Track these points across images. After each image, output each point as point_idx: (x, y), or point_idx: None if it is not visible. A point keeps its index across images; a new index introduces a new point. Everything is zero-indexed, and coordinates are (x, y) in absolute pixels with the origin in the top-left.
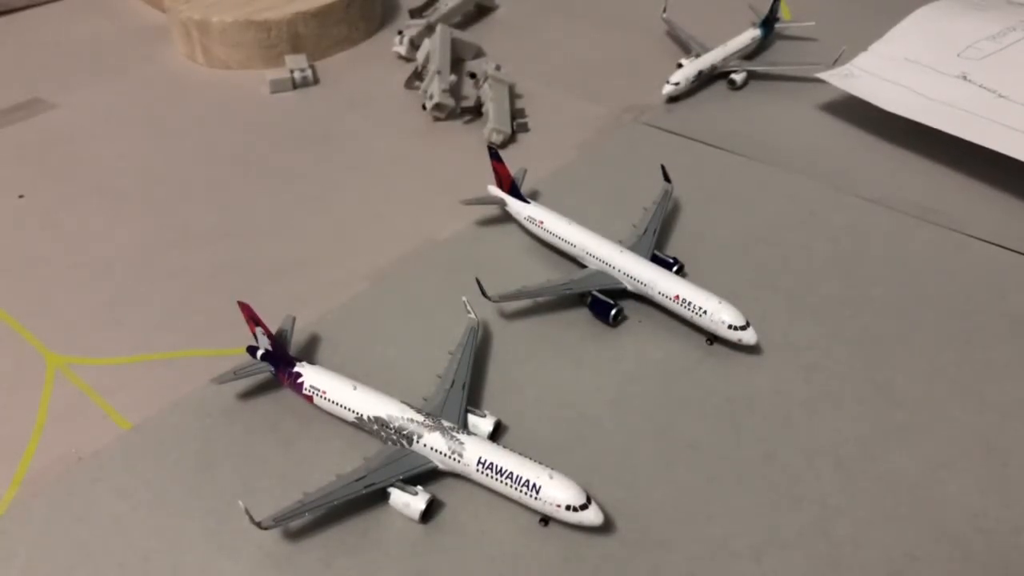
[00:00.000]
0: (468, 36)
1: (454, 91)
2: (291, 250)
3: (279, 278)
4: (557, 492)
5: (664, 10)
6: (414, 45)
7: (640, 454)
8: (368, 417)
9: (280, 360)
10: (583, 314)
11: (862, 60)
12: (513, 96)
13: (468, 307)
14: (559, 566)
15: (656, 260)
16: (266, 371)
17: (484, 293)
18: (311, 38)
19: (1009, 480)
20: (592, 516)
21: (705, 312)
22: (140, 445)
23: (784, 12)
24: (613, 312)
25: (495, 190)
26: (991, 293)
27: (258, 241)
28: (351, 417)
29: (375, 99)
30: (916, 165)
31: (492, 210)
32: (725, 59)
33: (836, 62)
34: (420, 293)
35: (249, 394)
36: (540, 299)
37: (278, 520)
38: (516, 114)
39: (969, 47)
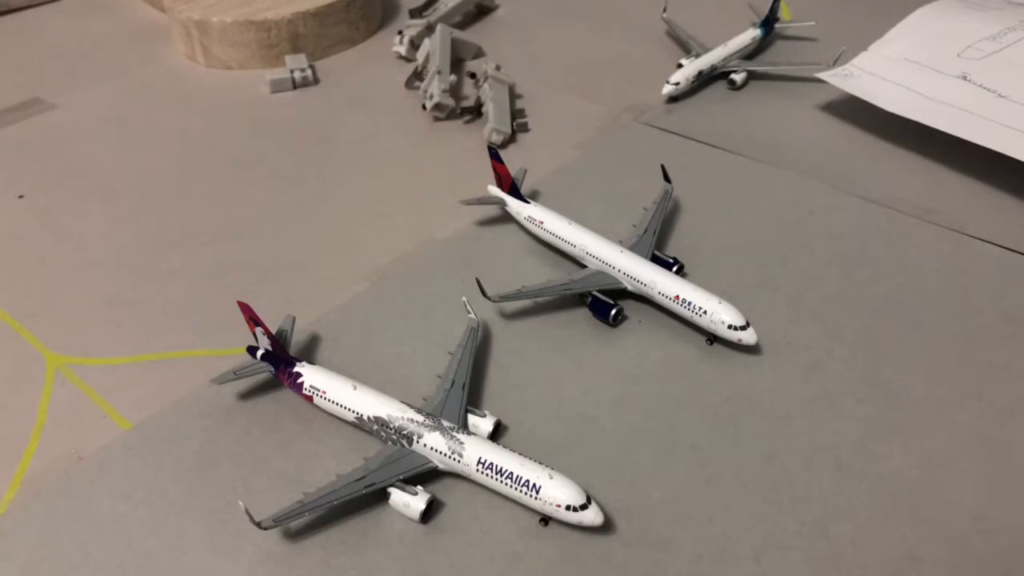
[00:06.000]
0: (468, 36)
1: (454, 91)
2: (291, 250)
3: (279, 278)
4: (557, 492)
5: (664, 10)
6: (414, 45)
7: (640, 454)
8: (368, 417)
9: (280, 360)
10: (583, 314)
11: (862, 60)
12: (513, 96)
13: (468, 307)
14: (559, 566)
15: (656, 260)
16: (266, 371)
17: (484, 293)
18: (311, 38)
19: (1009, 480)
20: (592, 516)
21: (705, 312)
22: (140, 445)
23: (784, 12)
24: (613, 312)
25: (495, 190)
26: (991, 293)
27: (258, 241)
28: (351, 417)
29: (375, 99)
30: (916, 165)
31: (492, 210)
32: (725, 59)
33: (836, 62)
34: (420, 293)
35: (249, 394)
36: (540, 299)
37: (278, 520)
38: (516, 114)
39: (969, 47)
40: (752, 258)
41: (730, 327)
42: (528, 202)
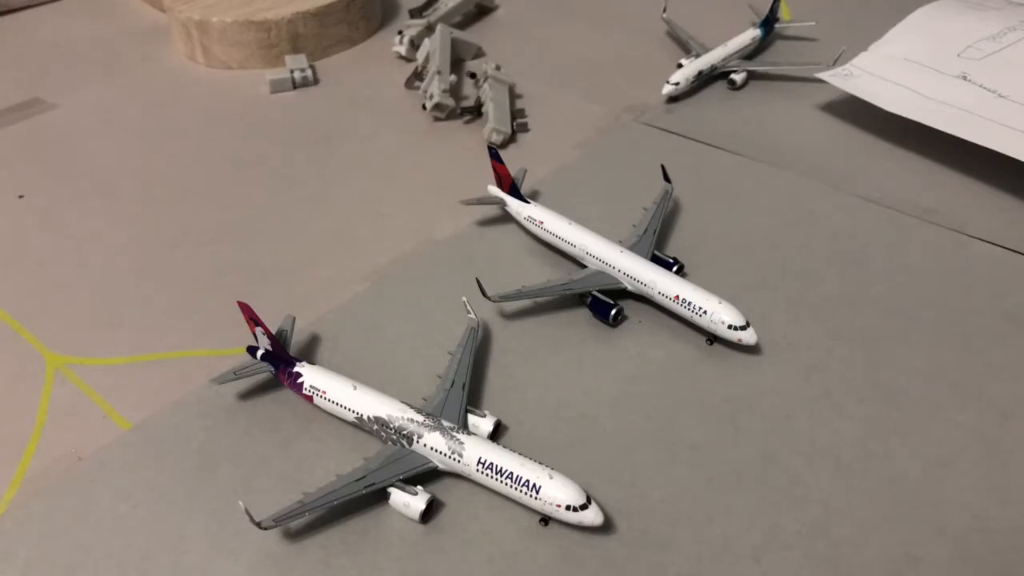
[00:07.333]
0: (468, 36)
1: (454, 91)
2: (291, 250)
3: (279, 278)
4: (557, 492)
5: (664, 10)
6: (414, 45)
7: (640, 454)
8: (368, 417)
9: (280, 360)
10: (583, 314)
11: (862, 60)
12: (513, 96)
13: (468, 307)
14: (559, 566)
15: (656, 260)
16: (266, 371)
17: (484, 293)
18: (311, 38)
19: (1009, 480)
20: (592, 516)
21: (705, 312)
22: (140, 445)
23: (784, 12)
24: (613, 312)
25: (495, 190)
26: (991, 293)
27: (258, 241)
28: (351, 417)
29: (375, 99)
30: (916, 165)
31: (492, 210)
32: (725, 59)
33: (836, 62)
34: (420, 293)
35: (249, 394)
36: (540, 299)
37: (278, 520)
38: (516, 114)
39: (969, 47)
40: (752, 258)
41: (730, 327)
42: (528, 202)
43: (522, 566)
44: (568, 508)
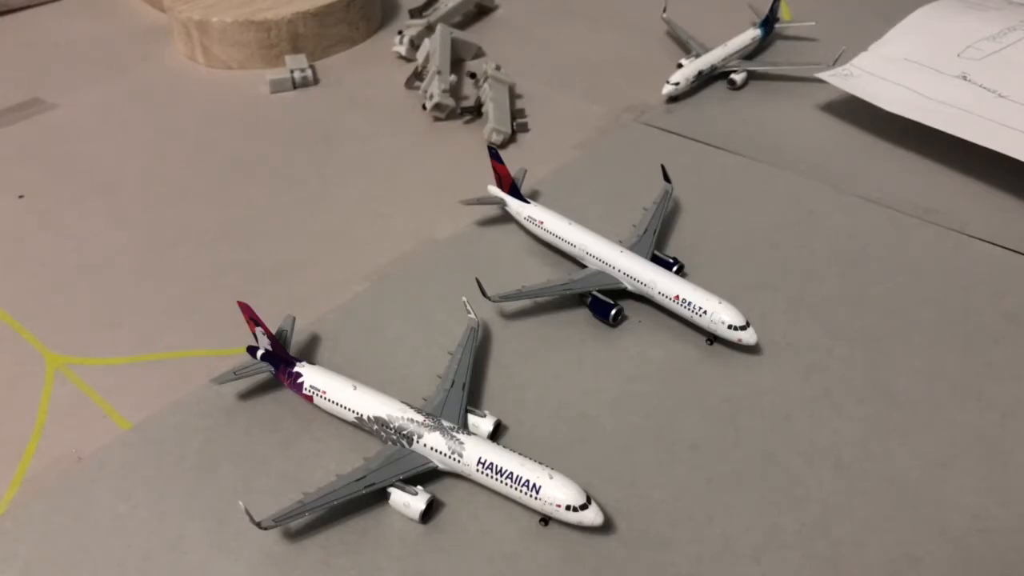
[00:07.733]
0: (468, 36)
1: (454, 91)
2: (291, 250)
3: (279, 278)
4: (557, 492)
5: (664, 10)
6: (414, 45)
7: (640, 454)
8: (368, 417)
9: (280, 360)
10: (583, 314)
11: (862, 60)
12: (513, 96)
13: (468, 307)
14: (559, 566)
15: (656, 260)
16: (266, 371)
17: (484, 293)
18: (311, 38)
19: (1009, 480)
20: (592, 516)
21: (705, 312)
22: (140, 445)
23: (784, 12)
24: (613, 312)
25: (495, 190)
26: (991, 293)
27: (258, 241)
28: (351, 417)
29: (375, 99)
30: (916, 165)
31: (492, 210)
32: (725, 59)
33: (836, 62)
34: (420, 293)
35: (249, 394)
36: (540, 299)
37: (278, 520)
38: (516, 114)
39: (969, 47)
40: (752, 258)
41: (730, 327)
42: (528, 202)
43: (522, 566)
44: (568, 508)
